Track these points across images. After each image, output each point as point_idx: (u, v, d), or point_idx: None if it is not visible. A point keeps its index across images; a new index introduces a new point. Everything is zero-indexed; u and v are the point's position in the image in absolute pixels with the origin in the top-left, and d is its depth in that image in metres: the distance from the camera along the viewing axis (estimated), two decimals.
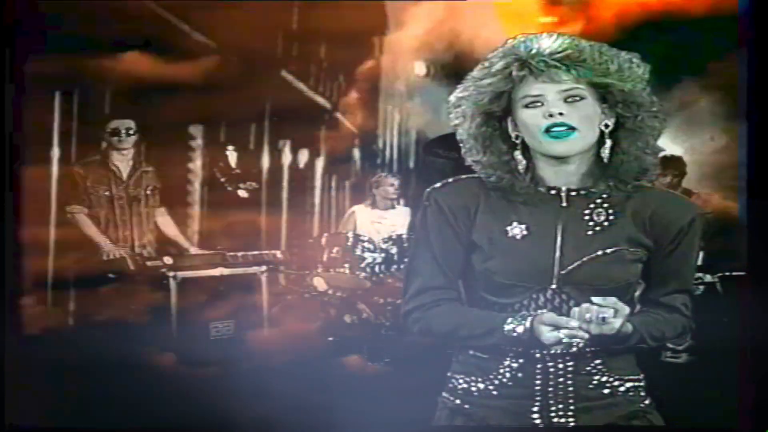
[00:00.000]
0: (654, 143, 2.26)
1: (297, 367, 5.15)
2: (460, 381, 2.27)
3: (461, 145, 2.32)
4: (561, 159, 2.22)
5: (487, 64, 2.29)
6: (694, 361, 5.75)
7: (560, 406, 2.24)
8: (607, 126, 2.23)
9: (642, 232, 2.25)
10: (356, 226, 6.20)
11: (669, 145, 6.49)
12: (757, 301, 4.16)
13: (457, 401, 2.27)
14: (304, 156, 6.78)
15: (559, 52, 2.21)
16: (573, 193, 2.24)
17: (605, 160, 2.23)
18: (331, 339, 5.77)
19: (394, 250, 6.04)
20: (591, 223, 2.24)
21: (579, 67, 2.20)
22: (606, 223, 2.24)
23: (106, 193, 5.85)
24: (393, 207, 6.22)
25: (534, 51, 2.22)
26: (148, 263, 5.83)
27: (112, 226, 5.85)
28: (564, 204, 2.24)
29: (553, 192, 2.24)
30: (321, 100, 6.45)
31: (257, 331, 5.71)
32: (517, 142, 2.28)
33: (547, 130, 2.21)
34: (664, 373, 5.74)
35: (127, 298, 5.69)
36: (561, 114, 2.19)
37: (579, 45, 2.23)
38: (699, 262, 6.05)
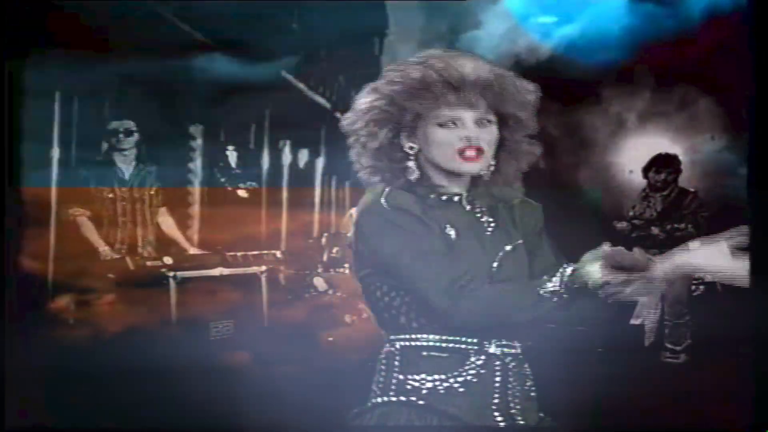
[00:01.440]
0: (524, 166, 2.37)
1: (297, 367, 5.16)
2: (422, 382, 2.30)
3: (355, 150, 2.37)
4: (456, 174, 2.31)
5: (399, 74, 2.32)
6: (693, 361, 5.76)
7: (512, 403, 2.31)
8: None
9: (514, 228, 2.37)
10: None
11: (669, 144, 6.50)
12: (758, 301, 4.16)
13: (422, 402, 2.30)
14: (304, 156, 6.79)
15: (484, 81, 2.28)
16: (471, 198, 2.34)
17: (486, 178, 2.32)
18: (331, 339, 5.78)
19: None
20: (485, 224, 2.33)
21: (495, 96, 2.29)
22: (493, 224, 2.34)
23: (110, 195, 5.85)
24: None
25: (461, 76, 2.28)
26: (148, 263, 5.84)
27: (114, 226, 5.85)
28: (467, 208, 2.32)
29: (455, 198, 2.32)
30: (321, 100, 6.46)
31: (257, 331, 5.72)
32: (411, 153, 2.31)
33: (461, 153, 2.26)
34: (664, 373, 5.76)
35: (127, 299, 5.70)
36: (477, 139, 2.27)
37: (498, 75, 2.31)
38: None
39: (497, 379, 2.32)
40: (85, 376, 4.82)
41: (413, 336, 2.32)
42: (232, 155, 6.60)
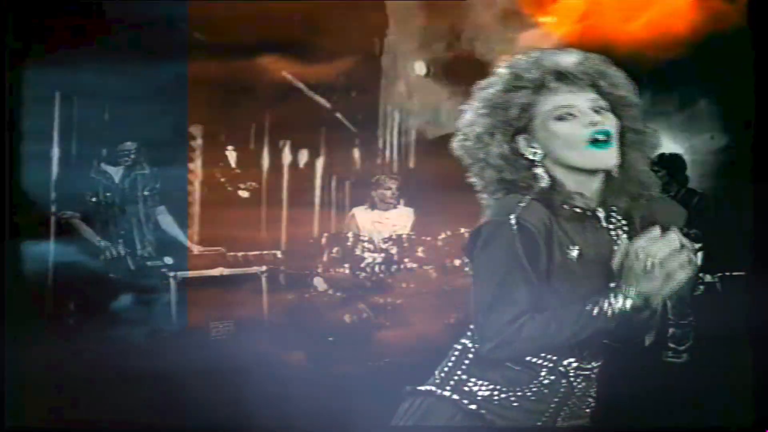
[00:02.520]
0: (650, 159, 2.26)
1: (297, 367, 5.16)
2: (482, 387, 2.24)
3: (478, 167, 2.23)
4: (589, 173, 2.19)
5: (504, 79, 2.21)
6: (695, 360, 5.75)
7: (561, 420, 2.27)
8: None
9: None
10: (358, 227, 6.20)
11: (669, 144, 6.50)
12: (758, 301, 4.17)
13: (473, 406, 2.25)
14: (304, 156, 6.79)
15: (584, 66, 2.19)
16: (605, 209, 2.23)
17: (615, 174, 2.22)
18: (331, 339, 5.78)
19: (394, 250, 6.04)
20: (615, 237, 2.23)
21: (600, 80, 2.19)
22: (624, 235, 2.24)
23: (93, 199, 5.84)
24: (394, 207, 6.22)
25: (563, 64, 2.19)
26: (149, 263, 5.84)
27: (111, 227, 5.85)
28: (603, 224, 2.22)
29: (588, 213, 2.21)
30: (321, 100, 6.46)
31: (257, 331, 5.72)
32: (536, 159, 2.20)
33: (592, 141, 2.17)
34: (665, 372, 5.75)
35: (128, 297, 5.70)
36: (602, 123, 2.16)
37: (603, 63, 2.23)
38: (699, 262, 6.11)
39: (556, 399, 2.25)
40: (85, 377, 4.82)
41: None
42: (232, 155, 6.60)
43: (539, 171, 2.20)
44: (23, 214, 5.23)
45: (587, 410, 2.31)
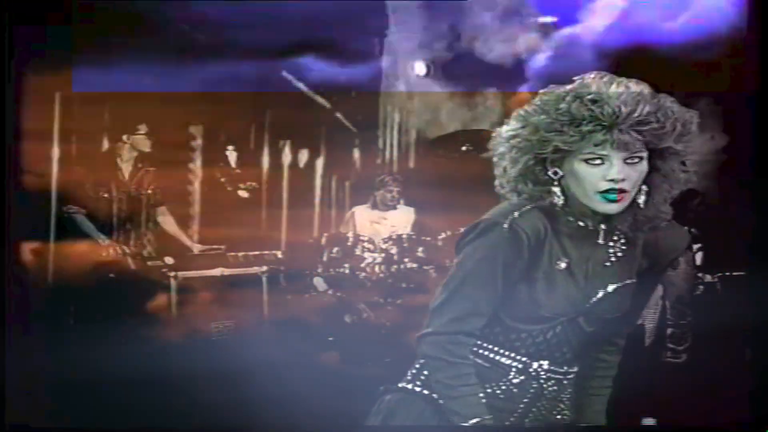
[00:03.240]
0: (676, 191, 2.26)
1: (297, 367, 5.15)
2: None
3: (501, 175, 2.27)
4: None
5: (547, 107, 2.19)
6: (694, 360, 5.75)
7: (529, 423, 2.27)
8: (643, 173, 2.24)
9: (645, 257, 2.28)
10: (356, 226, 6.20)
11: None
12: (758, 301, 4.17)
13: (442, 400, 2.27)
14: (304, 156, 6.78)
15: (642, 123, 2.15)
16: (607, 227, 2.23)
17: (641, 206, 2.24)
18: (331, 339, 5.77)
19: (394, 250, 6.04)
20: (611, 254, 2.24)
21: (654, 133, 2.17)
22: (620, 254, 2.24)
23: (105, 195, 5.84)
24: (394, 207, 6.21)
25: (614, 114, 2.13)
26: (149, 263, 5.83)
27: (110, 225, 5.85)
28: (601, 241, 2.23)
29: (590, 228, 2.22)
30: (321, 100, 6.45)
31: (257, 331, 5.72)
32: (555, 178, 2.22)
33: (603, 194, 2.18)
34: (665, 373, 5.75)
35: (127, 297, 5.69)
36: (623, 180, 2.17)
37: (659, 106, 2.18)
38: (698, 262, 6.10)
39: (525, 400, 2.26)
40: (85, 378, 4.81)
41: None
42: (232, 155, 6.59)
43: (556, 189, 2.22)
44: (24, 210, 5.23)
45: (558, 416, 2.30)
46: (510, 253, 2.18)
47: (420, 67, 6.38)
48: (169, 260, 5.83)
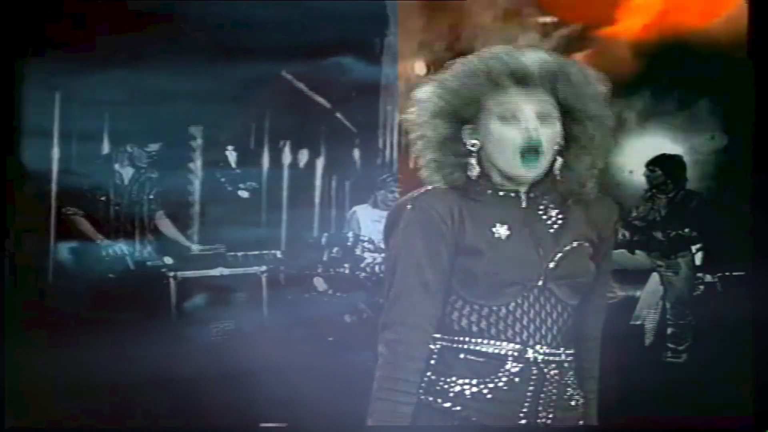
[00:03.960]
0: (599, 162, 2.28)
1: (297, 367, 5.16)
2: (452, 384, 2.27)
3: (418, 144, 2.31)
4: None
5: (465, 68, 2.24)
6: (694, 360, 5.75)
7: (544, 413, 2.26)
8: (559, 144, 2.25)
9: (588, 228, 2.30)
10: (359, 225, 6.20)
11: (669, 145, 6.49)
12: (759, 301, 4.17)
13: (447, 404, 2.27)
14: (304, 156, 6.78)
15: (548, 70, 2.19)
16: (530, 194, 2.27)
17: (558, 177, 2.25)
18: (331, 339, 5.78)
19: None
20: (549, 222, 2.27)
21: (561, 87, 2.19)
22: (560, 221, 2.27)
23: (102, 198, 5.84)
24: None
25: (522, 64, 2.20)
26: (149, 263, 5.84)
27: (112, 227, 5.85)
28: (524, 205, 2.26)
29: (512, 195, 2.26)
30: (321, 99, 6.45)
31: (257, 331, 5.72)
32: (474, 150, 2.24)
33: (521, 153, 2.19)
34: (666, 372, 5.75)
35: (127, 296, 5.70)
36: (539, 139, 2.18)
37: (563, 65, 2.22)
38: (698, 262, 6.10)
39: (531, 387, 2.26)
40: (85, 380, 4.81)
41: (456, 338, 2.27)
42: (232, 155, 6.60)
43: (472, 161, 2.24)
44: (24, 211, 5.23)
45: (572, 402, 2.30)
46: (427, 230, 2.21)
47: (420, 67, 6.38)
48: (168, 260, 5.84)
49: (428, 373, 2.28)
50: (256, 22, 5.73)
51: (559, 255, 2.25)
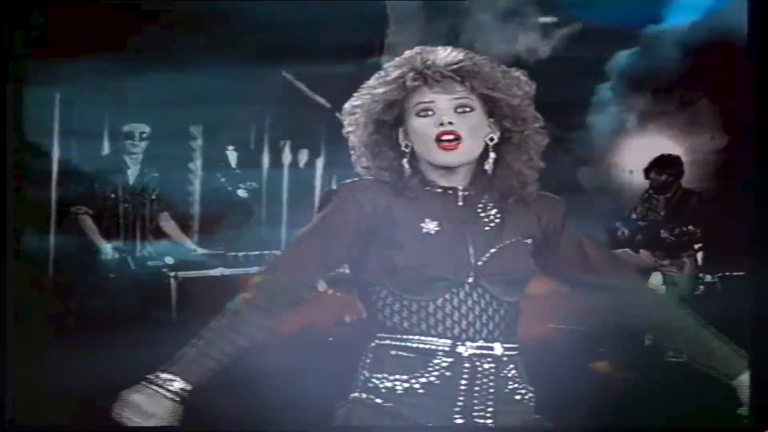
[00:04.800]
0: (536, 159, 2.32)
1: (297, 367, 5.16)
2: (384, 380, 2.31)
3: (352, 152, 2.38)
4: (448, 168, 2.29)
5: (383, 73, 2.32)
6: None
7: (481, 407, 2.28)
8: (492, 139, 2.29)
9: (530, 225, 2.33)
10: None
11: (669, 145, 6.49)
12: (759, 301, 4.16)
13: (379, 400, 2.31)
14: (304, 156, 6.79)
15: (454, 64, 2.26)
16: (466, 193, 2.30)
17: (489, 172, 2.29)
18: (331, 339, 5.78)
19: None
20: (486, 220, 2.31)
21: (472, 79, 2.25)
22: (497, 220, 2.31)
23: (112, 195, 5.85)
24: None
25: (429, 62, 2.27)
26: (149, 263, 5.84)
27: (115, 227, 5.85)
28: (460, 203, 2.30)
29: (449, 192, 2.30)
30: (321, 100, 6.46)
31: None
32: (406, 150, 2.30)
33: (438, 140, 2.25)
34: (666, 372, 5.75)
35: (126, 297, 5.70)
36: (451, 123, 2.24)
37: (473, 58, 2.28)
38: (699, 262, 6.10)
39: (463, 382, 2.28)
40: (85, 380, 4.82)
41: (388, 335, 2.31)
42: (232, 155, 6.60)
43: (404, 162, 2.31)
44: (25, 210, 5.24)
45: (516, 396, 2.30)
46: (339, 209, 2.33)
47: None
48: (169, 260, 5.84)
49: (364, 372, 2.34)
50: (256, 22, 5.73)
51: (492, 252, 2.28)
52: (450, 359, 2.27)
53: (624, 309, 2.46)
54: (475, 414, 2.27)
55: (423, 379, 2.28)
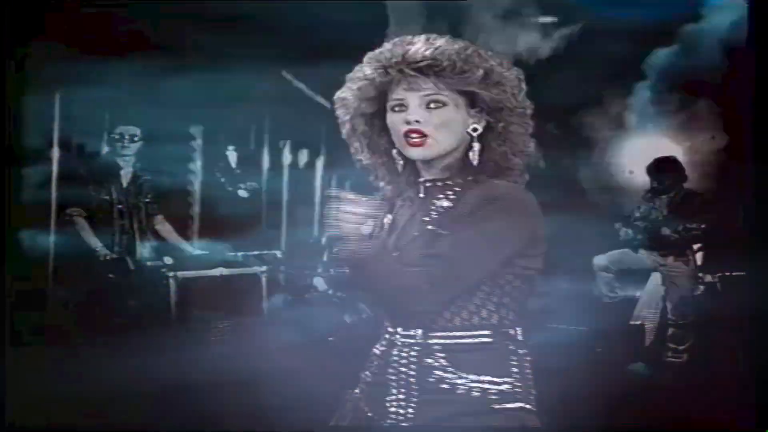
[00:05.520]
0: (524, 146, 2.30)
1: (297, 367, 5.16)
2: (363, 371, 2.38)
3: (353, 151, 2.41)
4: (425, 161, 2.30)
5: (359, 67, 2.34)
6: (695, 360, 5.76)
7: (405, 394, 2.27)
8: (475, 130, 2.27)
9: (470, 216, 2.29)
10: None
11: (669, 145, 6.49)
12: (759, 301, 4.16)
13: (357, 390, 2.37)
14: (304, 156, 6.79)
15: (418, 61, 2.23)
16: (429, 184, 2.30)
17: (474, 162, 2.28)
18: (331, 339, 5.78)
19: None
20: (432, 209, 2.29)
21: (439, 76, 2.23)
22: (441, 210, 2.29)
23: (106, 198, 5.85)
24: None
25: (395, 59, 2.26)
26: (149, 263, 5.84)
27: (111, 228, 5.85)
28: (421, 195, 2.30)
29: (420, 185, 2.32)
30: (321, 99, 6.45)
31: (257, 331, 5.72)
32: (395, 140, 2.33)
33: (405, 136, 2.26)
34: (666, 372, 5.75)
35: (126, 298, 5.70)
36: (417, 121, 2.24)
37: (443, 53, 2.24)
38: (699, 262, 6.10)
39: (391, 369, 2.28)
40: (85, 380, 4.82)
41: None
42: (232, 155, 6.60)
43: (393, 152, 2.34)
44: (24, 211, 5.23)
45: (444, 385, 2.25)
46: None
47: None
48: (168, 260, 5.83)
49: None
50: (256, 22, 5.73)
51: (406, 242, 2.28)
52: (384, 347, 2.30)
53: None
54: (402, 400, 2.26)
55: (370, 366, 2.32)
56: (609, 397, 4.47)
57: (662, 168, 6.12)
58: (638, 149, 6.56)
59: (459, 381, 2.24)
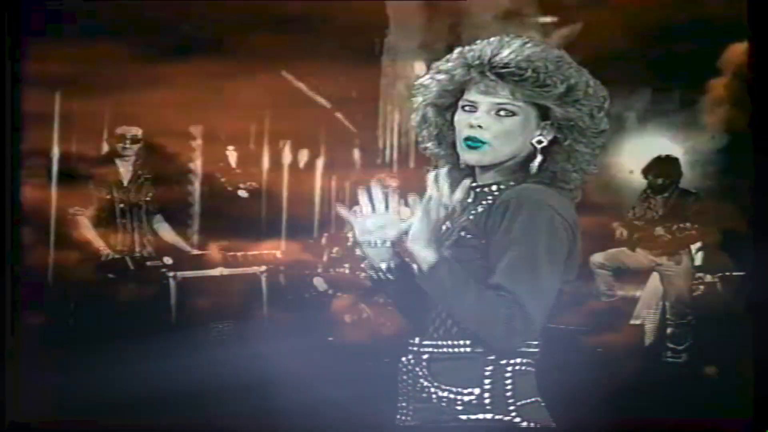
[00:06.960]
0: (586, 165, 2.30)
1: (297, 367, 5.16)
2: None
3: (420, 141, 2.39)
4: (481, 166, 2.28)
5: (445, 59, 2.31)
6: (694, 360, 5.75)
7: (405, 401, 2.29)
8: (540, 142, 2.24)
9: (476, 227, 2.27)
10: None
11: (669, 145, 6.49)
12: (758, 301, 4.17)
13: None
14: (304, 156, 6.78)
15: (502, 67, 2.20)
16: (478, 189, 2.28)
17: (532, 172, 2.26)
18: (331, 339, 5.78)
19: None
20: (472, 214, 2.27)
21: (519, 86, 2.19)
22: (469, 216, 2.27)
23: (108, 197, 5.85)
24: None
25: (479, 60, 2.22)
26: (148, 263, 5.83)
27: (112, 228, 5.85)
28: (470, 200, 2.28)
29: (478, 190, 2.30)
30: (321, 100, 6.45)
31: (257, 331, 5.72)
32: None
33: (465, 139, 2.24)
34: (666, 372, 5.75)
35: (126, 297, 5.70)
36: (480, 127, 2.22)
37: (530, 62, 2.20)
38: (699, 262, 6.10)
39: (401, 377, 2.31)
40: (84, 378, 4.82)
41: None
42: (232, 155, 6.60)
43: (458, 149, 2.31)
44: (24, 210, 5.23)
45: (423, 394, 2.25)
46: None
47: (420, 67, 6.38)
48: (168, 260, 5.83)
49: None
50: (255, 22, 5.72)
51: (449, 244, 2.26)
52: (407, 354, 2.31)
53: None
54: (403, 407, 2.28)
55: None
56: (609, 397, 4.47)
57: (657, 167, 6.13)
58: (638, 149, 6.55)
59: (432, 389, 2.24)
